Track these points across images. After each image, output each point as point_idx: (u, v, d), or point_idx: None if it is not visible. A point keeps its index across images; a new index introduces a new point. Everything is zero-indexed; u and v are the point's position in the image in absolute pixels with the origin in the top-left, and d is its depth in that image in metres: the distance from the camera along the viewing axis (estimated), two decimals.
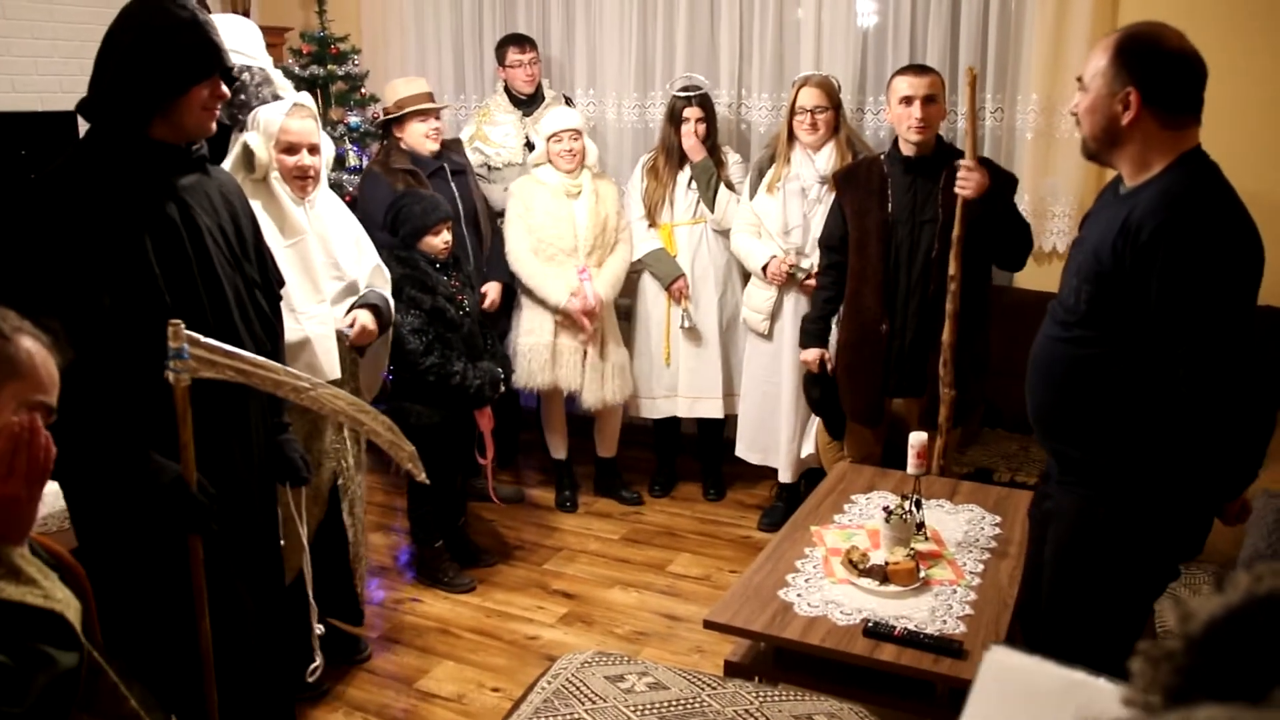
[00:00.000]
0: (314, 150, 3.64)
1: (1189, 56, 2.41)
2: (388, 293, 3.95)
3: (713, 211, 5.21)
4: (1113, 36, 2.47)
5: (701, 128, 5.16)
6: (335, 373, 3.62)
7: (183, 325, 2.44)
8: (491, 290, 5.05)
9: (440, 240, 4.45)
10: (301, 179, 3.59)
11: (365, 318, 3.73)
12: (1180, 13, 4.48)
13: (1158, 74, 2.40)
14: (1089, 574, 2.61)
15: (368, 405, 2.95)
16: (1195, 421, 2.39)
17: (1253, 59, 4.50)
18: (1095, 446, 2.56)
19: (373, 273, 3.90)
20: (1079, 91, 2.54)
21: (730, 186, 5.20)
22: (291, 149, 3.57)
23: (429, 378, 4.35)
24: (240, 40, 4.32)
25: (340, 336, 3.67)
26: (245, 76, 4.30)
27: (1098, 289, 2.47)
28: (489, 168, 5.60)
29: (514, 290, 5.28)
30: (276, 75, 4.36)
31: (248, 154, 3.48)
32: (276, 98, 4.31)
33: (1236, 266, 2.36)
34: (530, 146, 5.48)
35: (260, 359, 2.64)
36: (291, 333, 3.41)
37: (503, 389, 4.64)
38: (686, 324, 5.35)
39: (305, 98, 3.70)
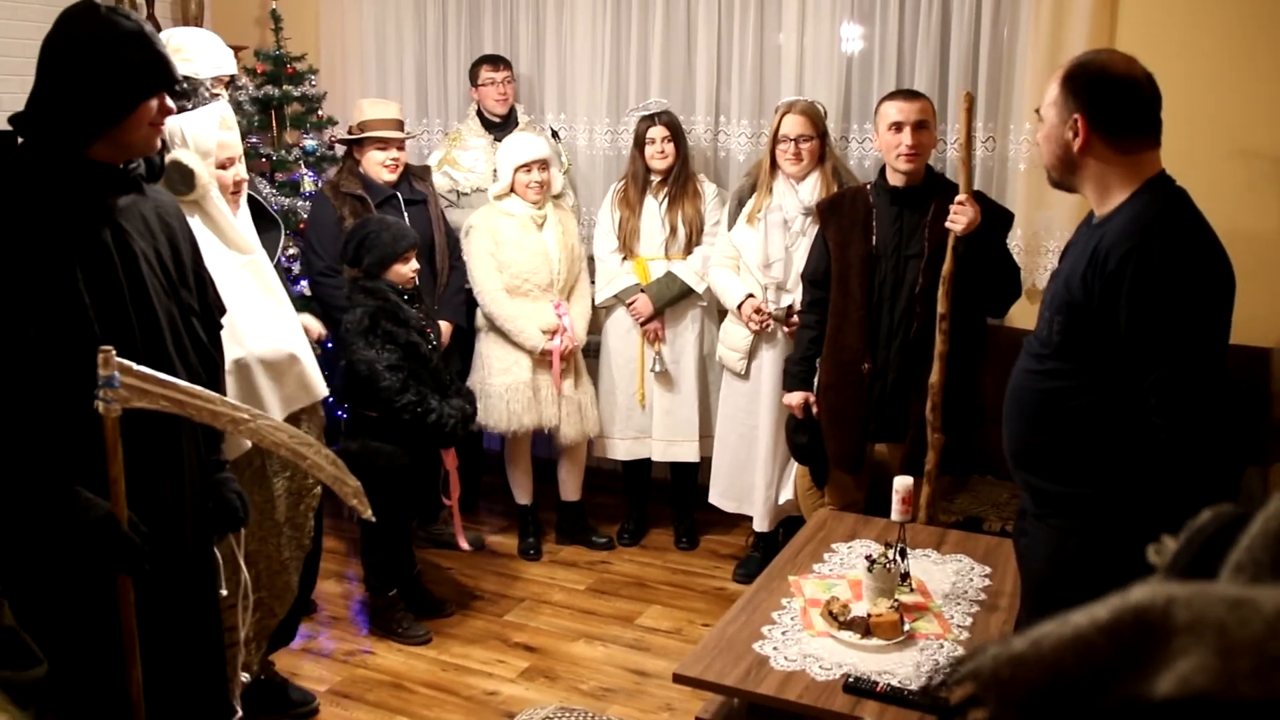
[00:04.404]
0: (240, 160, 3.61)
1: (1137, 80, 2.57)
2: None
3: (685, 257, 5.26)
4: (1064, 66, 2.64)
5: (669, 147, 5.15)
6: (324, 389, 3.71)
7: (114, 351, 2.40)
8: (442, 329, 4.99)
9: (409, 269, 4.42)
10: (236, 193, 3.56)
11: (310, 320, 3.72)
12: (1180, 34, 4.57)
13: (1101, 99, 2.55)
14: (1064, 608, 2.61)
15: (310, 438, 2.91)
16: (1168, 450, 2.47)
17: (1257, 63, 4.56)
18: (1069, 479, 2.64)
19: None
20: (1040, 123, 2.71)
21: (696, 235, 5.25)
22: (227, 164, 3.52)
23: (405, 416, 4.30)
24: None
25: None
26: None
27: (1069, 320, 2.58)
28: (457, 193, 5.58)
29: (464, 330, 5.26)
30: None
31: (182, 173, 3.37)
32: None
33: (1204, 292, 2.47)
34: None
35: (196, 388, 2.60)
36: (276, 352, 3.48)
37: (472, 426, 4.61)
38: (658, 368, 5.33)
39: (225, 107, 3.65)
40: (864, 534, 3.97)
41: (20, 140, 2.57)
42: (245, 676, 3.26)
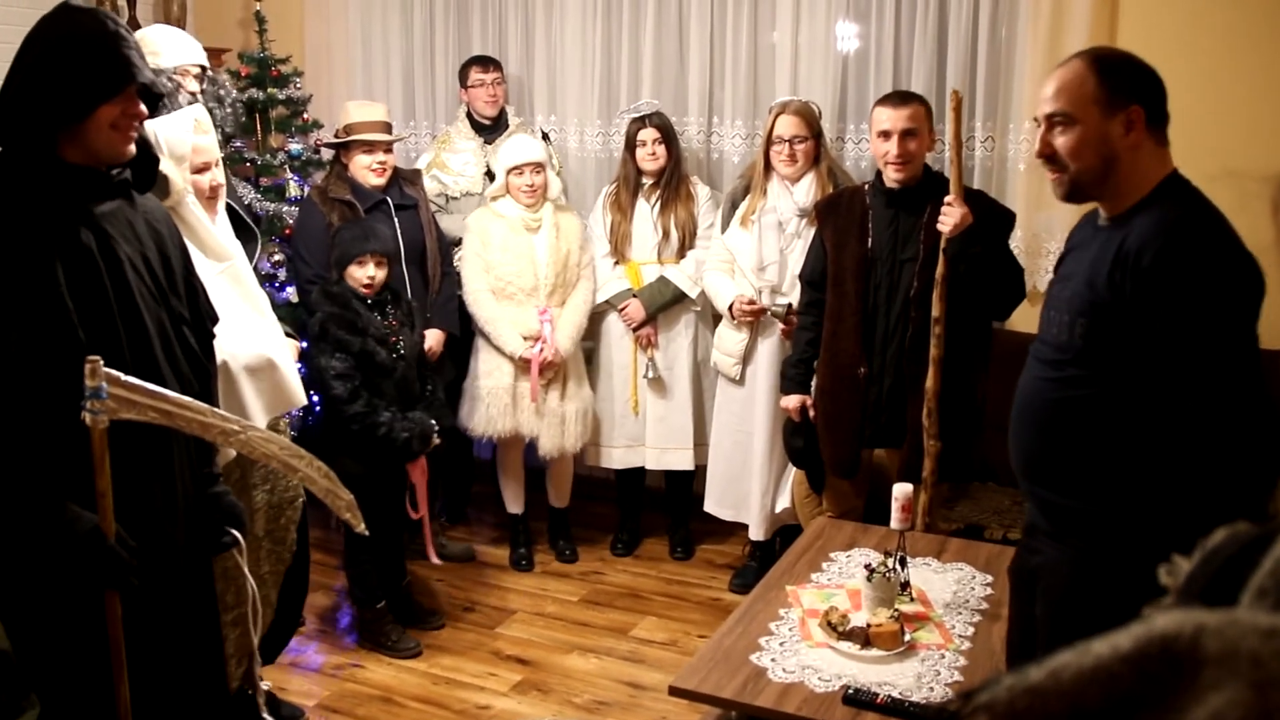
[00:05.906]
0: (217, 164, 3.57)
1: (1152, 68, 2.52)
2: None
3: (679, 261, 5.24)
4: (1080, 63, 2.50)
5: (660, 149, 5.13)
6: (303, 397, 3.70)
7: (101, 362, 2.38)
8: (431, 338, 4.93)
9: (364, 274, 4.39)
10: (213, 198, 3.52)
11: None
12: (1180, 33, 4.56)
13: (1153, 87, 2.48)
14: (1086, 633, 2.57)
15: (302, 450, 2.89)
16: (1202, 459, 2.39)
17: (1259, 61, 4.56)
18: (1089, 494, 2.54)
19: None
20: (1053, 130, 2.52)
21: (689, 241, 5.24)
22: (203, 168, 3.48)
23: (353, 426, 4.29)
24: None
25: None
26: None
27: (1094, 321, 2.48)
28: (447, 197, 5.55)
29: (457, 338, 5.23)
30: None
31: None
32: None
33: (1243, 293, 2.41)
34: (491, 176, 5.42)
35: (186, 399, 2.58)
36: (256, 358, 3.46)
37: (436, 441, 4.52)
38: (650, 374, 5.31)
39: (200, 110, 3.61)
40: (863, 542, 3.95)
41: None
42: (266, 685, 3.24)
